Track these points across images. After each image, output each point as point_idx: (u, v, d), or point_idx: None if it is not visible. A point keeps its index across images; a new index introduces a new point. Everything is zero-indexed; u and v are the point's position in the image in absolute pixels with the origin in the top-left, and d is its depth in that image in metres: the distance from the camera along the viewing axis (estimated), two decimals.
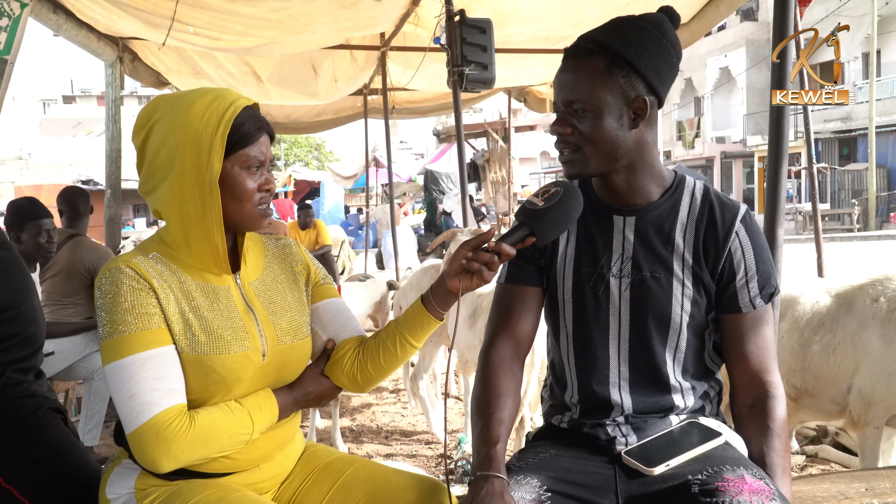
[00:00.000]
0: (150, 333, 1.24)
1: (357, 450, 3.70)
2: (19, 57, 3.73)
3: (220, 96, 1.29)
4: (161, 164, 1.27)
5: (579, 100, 1.32)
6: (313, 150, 41.76)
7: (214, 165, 1.26)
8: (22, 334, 1.81)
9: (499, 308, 1.48)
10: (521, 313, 1.45)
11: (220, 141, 1.26)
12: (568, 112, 1.34)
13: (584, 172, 1.37)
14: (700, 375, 1.43)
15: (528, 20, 5.34)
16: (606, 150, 1.34)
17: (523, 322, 1.45)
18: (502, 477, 1.23)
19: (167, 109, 1.28)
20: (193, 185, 1.26)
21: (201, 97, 1.28)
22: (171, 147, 1.26)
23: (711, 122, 27.79)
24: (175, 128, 1.26)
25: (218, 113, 1.27)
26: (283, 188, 22.93)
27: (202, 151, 1.25)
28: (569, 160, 1.37)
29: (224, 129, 1.26)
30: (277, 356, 1.36)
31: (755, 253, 1.37)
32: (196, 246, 1.30)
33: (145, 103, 1.36)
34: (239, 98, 1.30)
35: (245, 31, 4.92)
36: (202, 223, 1.28)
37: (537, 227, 1.30)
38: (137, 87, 30.01)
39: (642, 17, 1.35)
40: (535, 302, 1.46)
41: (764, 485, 1.18)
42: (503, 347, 1.42)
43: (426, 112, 9.67)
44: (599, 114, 1.31)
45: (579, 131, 1.33)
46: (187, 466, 1.26)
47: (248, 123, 1.30)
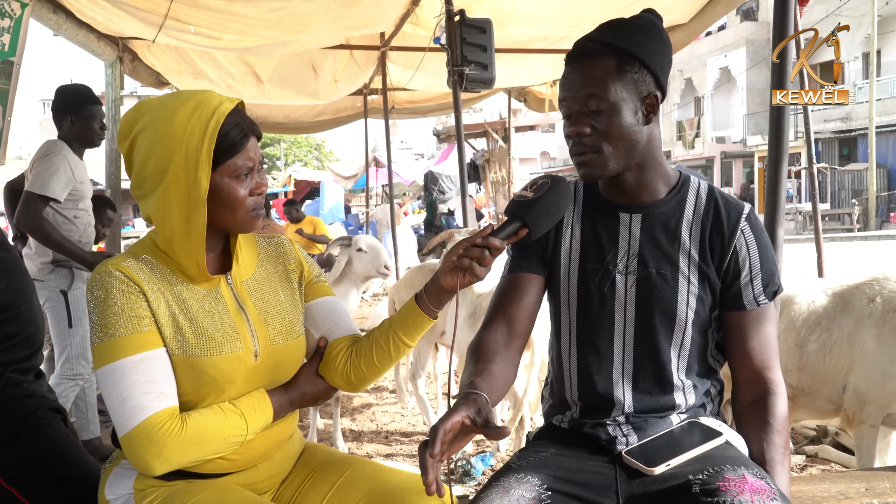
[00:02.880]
0: (141, 337, 1.23)
1: (357, 450, 3.70)
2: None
3: (202, 103, 1.25)
4: (149, 175, 1.25)
5: (595, 99, 1.31)
6: (313, 150, 41.75)
7: (202, 183, 1.23)
8: (21, 335, 1.81)
9: (497, 295, 1.47)
10: (517, 299, 1.44)
11: (206, 157, 1.23)
12: (583, 112, 1.33)
13: (603, 173, 1.37)
14: (703, 374, 1.43)
15: (528, 20, 5.35)
16: (625, 148, 1.34)
17: (519, 308, 1.43)
18: (483, 395, 1.19)
19: (150, 118, 1.25)
20: (180, 200, 1.24)
21: (183, 105, 1.24)
22: (157, 160, 1.23)
23: (711, 122, 27.78)
24: (159, 139, 1.23)
25: (202, 124, 1.23)
26: (283, 188, 22.91)
27: (189, 167, 1.22)
28: (587, 161, 1.35)
29: (209, 143, 1.23)
30: (270, 356, 1.36)
31: (759, 251, 1.37)
32: (178, 258, 1.29)
33: (163, 94, 1.33)
34: (222, 103, 1.26)
35: (245, 31, 4.93)
36: (185, 239, 1.26)
37: (529, 217, 1.30)
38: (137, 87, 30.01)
39: (639, 17, 1.38)
40: (534, 289, 1.45)
41: (765, 484, 1.18)
42: (497, 331, 1.41)
43: (426, 112, 9.68)
44: (617, 111, 1.32)
45: (598, 131, 1.33)
46: (183, 468, 1.26)
47: (233, 132, 1.26)
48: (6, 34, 3.90)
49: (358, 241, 3.76)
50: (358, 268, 3.72)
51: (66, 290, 3.27)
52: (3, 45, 3.95)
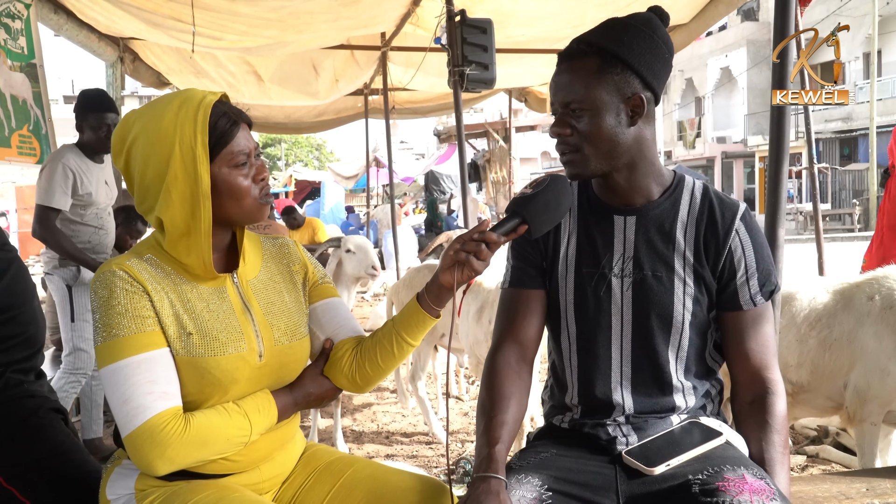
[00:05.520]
0: (144, 336, 1.23)
1: (358, 450, 3.70)
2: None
3: (186, 100, 1.26)
4: (150, 183, 1.25)
5: (576, 100, 1.33)
6: (314, 150, 41.77)
7: (203, 177, 1.24)
8: (22, 335, 1.81)
9: (503, 313, 1.48)
10: (525, 317, 1.45)
11: (202, 149, 1.24)
12: (566, 113, 1.35)
13: (585, 173, 1.38)
14: (702, 375, 1.43)
15: (528, 21, 5.35)
16: (606, 149, 1.34)
17: (528, 326, 1.45)
18: (500, 478, 1.23)
19: (139, 127, 1.25)
20: (182, 199, 1.24)
21: (168, 106, 1.25)
22: (154, 165, 1.24)
23: (712, 122, 27.78)
24: (152, 145, 1.24)
25: (190, 118, 1.24)
26: (284, 188, 22.92)
27: (187, 164, 1.23)
28: (569, 161, 1.37)
29: (202, 135, 1.24)
30: (275, 357, 1.36)
31: (755, 250, 1.37)
32: (185, 256, 1.29)
33: (145, 104, 1.34)
34: (205, 96, 1.27)
35: (246, 31, 4.93)
36: (192, 235, 1.27)
37: (528, 212, 1.30)
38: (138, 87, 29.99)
39: (632, 16, 1.37)
40: (538, 305, 1.46)
41: (764, 484, 1.18)
42: (508, 352, 1.43)
43: (427, 112, 9.69)
44: (597, 112, 1.32)
45: (578, 131, 1.34)
46: (186, 468, 1.26)
47: (221, 121, 1.27)
48: (21, 36, 3.92)
49: (347, 241, 3.75)
50: (348, 269, 3.71)
51: (72, 284, 3.34)
52: (23, 49, 3.98)
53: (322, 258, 4.34)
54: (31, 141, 4.12)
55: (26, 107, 4.07)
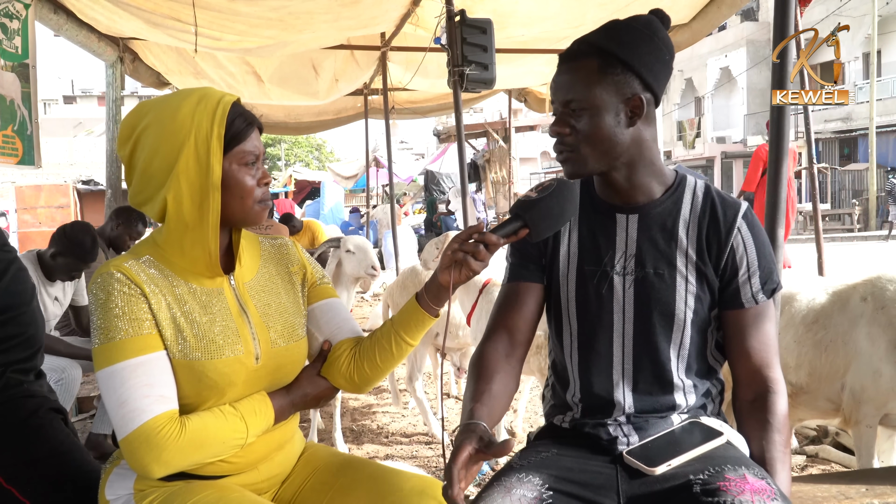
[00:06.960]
0: (141, 339, 1.23)
1: (357, 450, 3.70)
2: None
3: (205, 96, 1.28)
4: (155, 173, 1.26)
5: (576, 99, 1.34)
6: (314, 150, 41.76)
7: (215, 169, 1.25)
8: (22, 335, 1.81)
9: (498, 306, 1.48)
10: (518, 309, 1.45)
11: (217, 143, 1.25)
12: (566, 112, 1.36)
13: (582, 171, 1.38)
14: (703, 374, 1.43)
15: (528, 22, 5.36)
16: (603, 149, 1.35)
17: (520, 317, 1.45)
18: (481, 423, 1.22)
19: (153, 117, 1.26)
20: (192, 190, 1.25)
21: (186, 99, 1.27)
22: (164, 154, 1.24)
23: (712, 122, 27.78)
24: (165, 135, 1.24)
25: (208, 113, 1.25)
26: (284, 188, 22.90)
27: (200, 155, 1.24)
28: (567, 159, 1.38)
29: (219, 129, 1.25)
30: (272, 359, 1.36)
31: (757, 249, 1.38)
32: (189, 250, 1.29)
33: (158, 96, 1.35)
34: (224, 95, 1.29)
35: (246, 31, 4.93)
36: (199, 227, 1.27)
37: (530, 217, 1.30)
38: (138, 87, 30.02)
39: (633, 18, 1.38)
40: (533, 298, 1.46)
41: (766, 484, 1.18)
42: (498, 342, 1.43)
43: (426, 112, 9.69)
44: (596, 112, 1.33)
45: (577, 131, 1.35)
46: (183, 470, 1.26)
47: (238, 120, 1.29)
48: (17, 37, 3.92)
49: (346, 242, 3.74)
50: (348, 269, 3.70)
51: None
52: (17, 48, 3.97)
53: (322, 258, 4.34)
54: (14, 141, 4.09)
55: (13, 106, 4.06)
